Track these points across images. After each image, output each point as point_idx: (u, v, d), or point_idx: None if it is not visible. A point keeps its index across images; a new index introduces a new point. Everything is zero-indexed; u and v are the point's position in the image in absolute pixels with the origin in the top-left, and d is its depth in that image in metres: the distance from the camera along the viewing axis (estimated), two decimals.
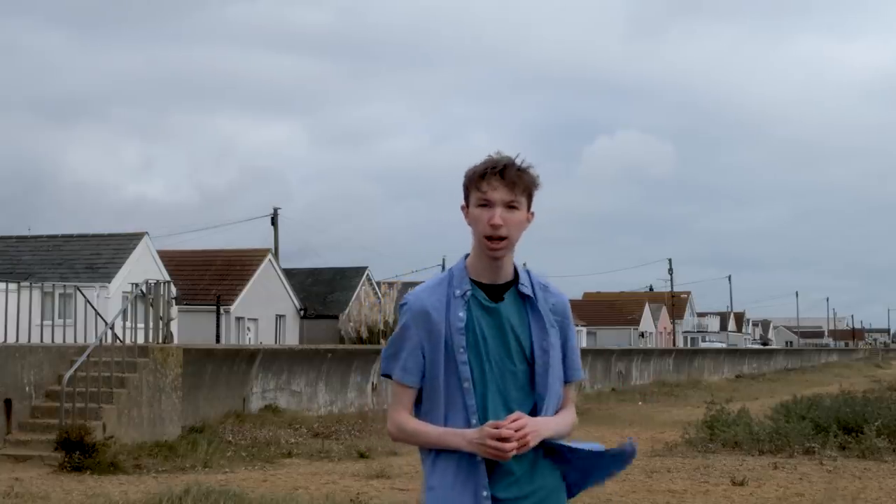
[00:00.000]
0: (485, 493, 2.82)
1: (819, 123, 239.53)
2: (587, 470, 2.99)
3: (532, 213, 2.94)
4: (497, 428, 2.75)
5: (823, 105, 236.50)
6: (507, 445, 2.74)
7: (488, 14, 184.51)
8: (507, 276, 2.94)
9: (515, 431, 2.75)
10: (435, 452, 2.91)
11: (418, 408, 2.97)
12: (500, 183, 2.84)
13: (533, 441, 2.79)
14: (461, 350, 2.86)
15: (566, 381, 3.00)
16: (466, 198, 2.93)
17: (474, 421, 2.83)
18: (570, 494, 3.01)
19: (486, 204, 2.85)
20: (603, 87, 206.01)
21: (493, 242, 2.85)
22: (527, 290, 2.93)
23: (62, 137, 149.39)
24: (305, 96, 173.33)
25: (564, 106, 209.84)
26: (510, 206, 2.85)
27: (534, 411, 2.89)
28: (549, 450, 2.91)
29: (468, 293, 2.90)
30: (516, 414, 2.80)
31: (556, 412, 2.96)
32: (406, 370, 2.94)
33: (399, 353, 2.96)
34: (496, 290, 2.92)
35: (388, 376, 3.00)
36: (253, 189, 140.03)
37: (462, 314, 2.88)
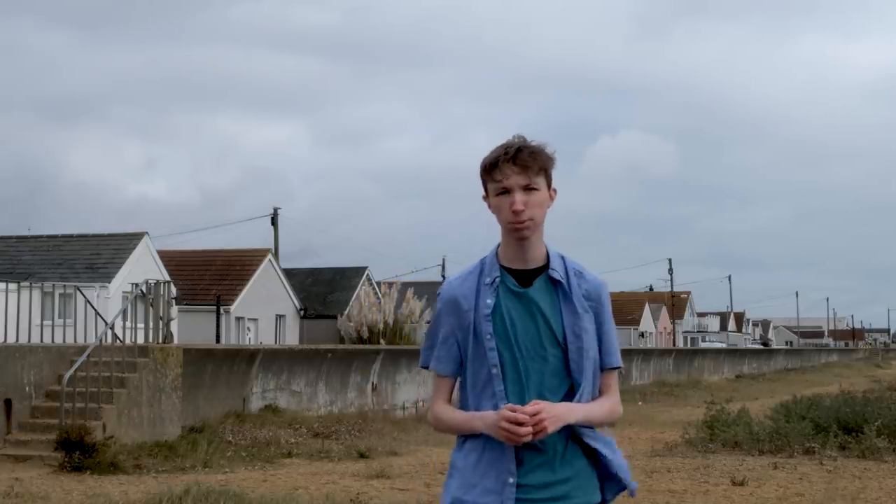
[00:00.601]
0: (511, 480, 2.81)
1: (823, 123, 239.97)
2: (612, 474, 2.96)
3: (554, 191, 2.93)
4: (514, 412, 2.75)
5: (827, 105, 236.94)
6: (522, 430, 2.72)
7: (489, 14, 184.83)
8: (537, 260, 2.92)
9: (532, 416, 2.73)
10: (465, 435, 2.94)
11: (460, 395, 2.99)
12: (514, 168, 2.84)
13: (551, 427, 2.75)
14: (488, 336, 2.86)
15: (603, 368, 2.96)
16: (485, 187, 2.93)
17: (503, 406, 2.81)
18: (605, 498, 2.96)
19: (505, 191, 2.85)
20: (605, 86, 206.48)
21: (518, 225, 2.84)
22: (556, 275, 2.90)
23: (64, 137, 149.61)
24: (307, 96, 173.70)
25: (566, 106, 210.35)
26: (529, 189, 2.85)
27: (569, 396, 2.87)
28: (578, 438, 2.89)
29: (497, 279, 2.90)
30: (534, 402, 2.78)
31: (594, 399, 2.93)
32: (440, 360, 2.97)
33: (434, 344, 2.99)
34: (527, 276, 2.91)
35: (427, 367, 3.02)
36: (254, 189, 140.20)
37: (490, 301, 2.88)
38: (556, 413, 2.78)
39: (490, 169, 2.88)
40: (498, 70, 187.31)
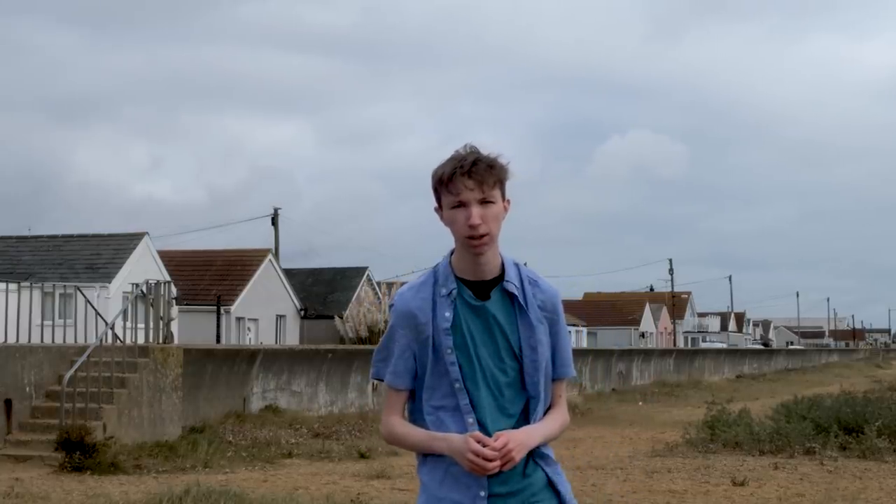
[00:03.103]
0: (482, 493, 2.78)
1: (831, 124, 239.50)
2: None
3: (508, 202, 2.87)
4: (481, 444, 2.71)
5: (837, 105, 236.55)
6: (490, 465, 2.70)
7: (497, 14, 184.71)
8: (493, 271, 2.87)
9: (500, 449, 2.71)
10: None
11: (415, 407, 2.94)
12: (470, 182, 2.77)
13: (518, 456, 2.74)
14: (448, 351, 2.81)
15: (555, 378, 2.93)
16: (438, 199, 2.86)
17: (470, 420, 2.79)
18: None
19: (460, 205, 2.79)
20: (615, 86, 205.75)
21: (475, 240, 2.79)
22: (511, 288, 2.85)
23: (70, 137, 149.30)
24: (314, 96, 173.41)
25: (575, 106, 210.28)
26: (485, 203, 2.78)
27: (526, 409, 2.86)
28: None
29: (454, 292, 2.84)
30: (498, 434, 2.75)
31: (547, 411, 2.93)
32: (396, 373, 2.91)
33: (389, 357, 2.92)
34: (483, 288, 2.86)
35: (381, 380, 2.96)
36: (261, 189, 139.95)
37: (448, 314, 2.83)
38: (521, 440, 2.76)
39: (445, 182, 2.80)
40: (506, 70, 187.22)
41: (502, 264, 2.89)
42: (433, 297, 2.86)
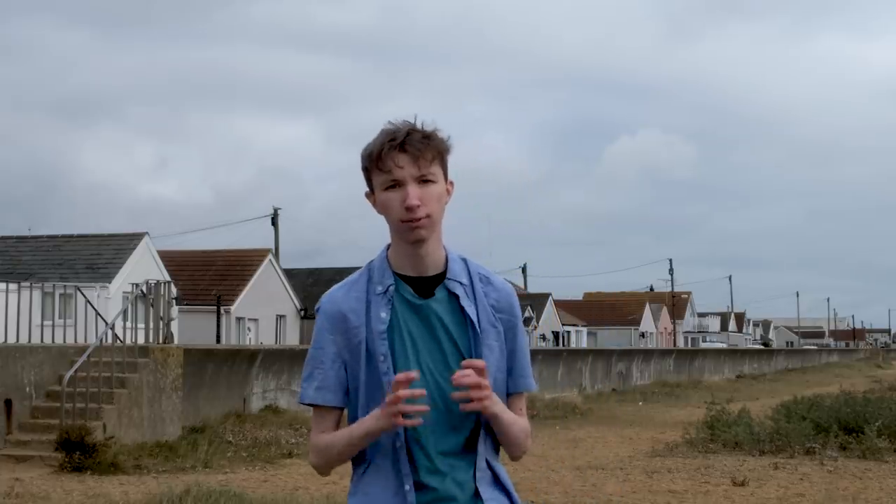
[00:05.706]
0: (406, 487, 2.36)
1: (839, 123, 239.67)
2: None
3: (451, 183, 2.46)
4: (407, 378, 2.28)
5: (844, 105, 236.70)
6: (411, 395, 2.27)
7: (507, 13, 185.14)
8: (436, 266, 2.45)
9: (476, 376, 2.29)
10: (360, 472, 2.46)
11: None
12: (404, 157, 2.36)
13: (490, 405, 2.32)
14: (381, 358, 2.38)
15: (511, 392, 2.49)
16: (369, 182, 2.45)
17: (398, 444, 2.38)
18: None
19: (395, 185, 2.38)
20: (624, 86, 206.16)
21: (413, 224, 2.37)
22: (458, 283, 2.44)
23: (78, 137, 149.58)
24: (323, 95, 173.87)
25: (584, 105, 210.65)
26: (423, 181, 2.38)
27: (476, 425, 2.43)
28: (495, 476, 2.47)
29: (391, 288, 2.43)
30: (473, 362, 2.33)
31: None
32: (323, 388, 2.45)
33: (314, 371, 2.46)
34: (426, 284, 2.44)
35: (310, 404, 2.48)
36: (269, 189, 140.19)
37: (384, 314, 2.41)
38: (492, 395, 2.35)
39: (375, 159, 2.39)
40: (516, 69, 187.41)
41: (447, 259, 2.48)
42: (367, 297, 2.44)
